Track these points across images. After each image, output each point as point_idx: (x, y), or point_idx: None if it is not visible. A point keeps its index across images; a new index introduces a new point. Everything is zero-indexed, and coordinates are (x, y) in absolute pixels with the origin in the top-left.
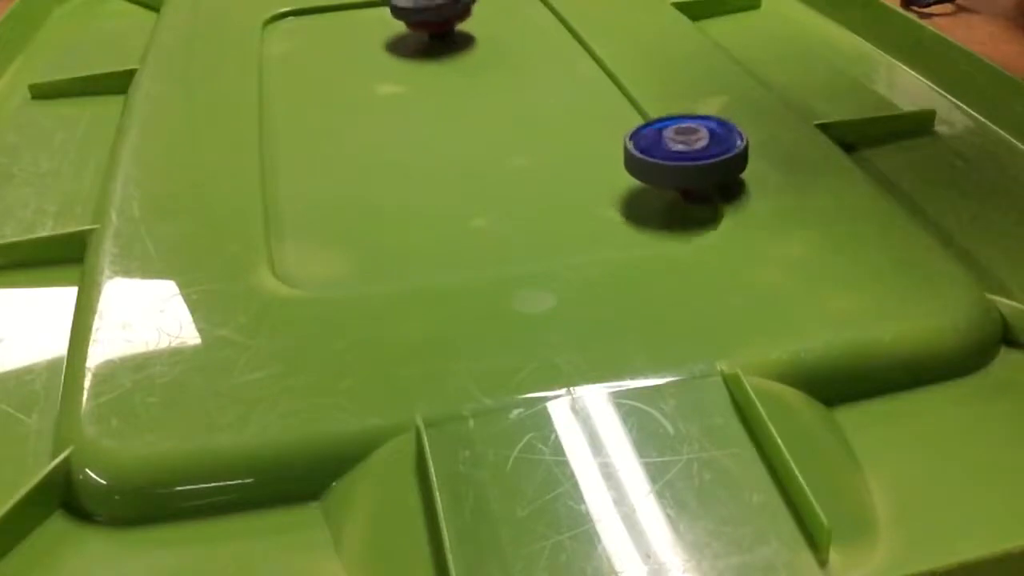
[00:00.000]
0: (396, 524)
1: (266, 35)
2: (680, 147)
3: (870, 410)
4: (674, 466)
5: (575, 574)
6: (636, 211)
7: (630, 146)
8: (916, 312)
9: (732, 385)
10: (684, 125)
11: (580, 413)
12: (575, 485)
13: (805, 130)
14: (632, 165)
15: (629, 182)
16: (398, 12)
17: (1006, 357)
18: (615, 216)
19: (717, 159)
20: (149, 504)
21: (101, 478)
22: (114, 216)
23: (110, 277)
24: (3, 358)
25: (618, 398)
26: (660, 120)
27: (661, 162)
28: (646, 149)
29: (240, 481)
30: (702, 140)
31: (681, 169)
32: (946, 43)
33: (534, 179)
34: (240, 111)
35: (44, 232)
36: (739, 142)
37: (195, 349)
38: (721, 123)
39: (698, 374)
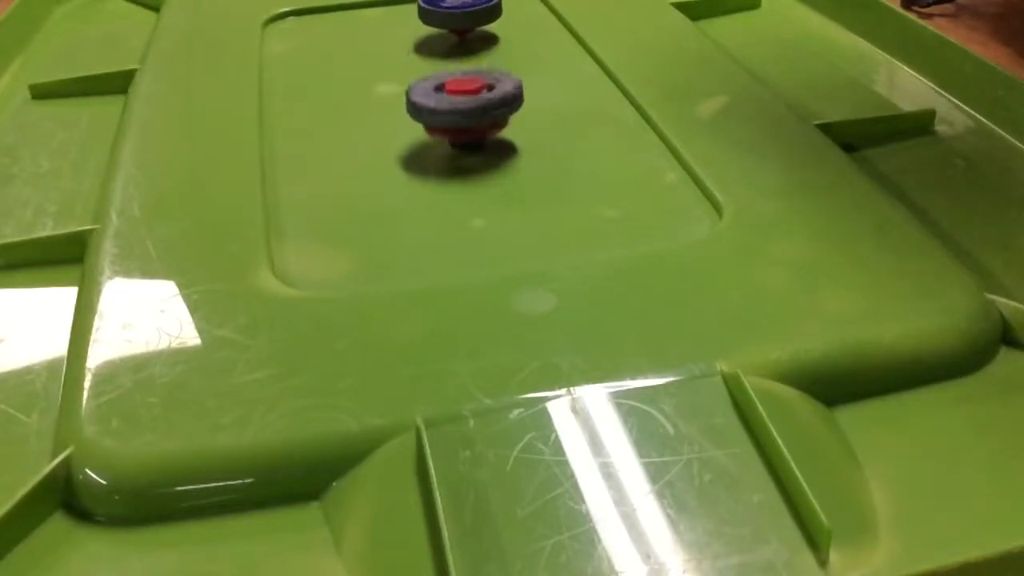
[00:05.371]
0: (396, 524)
1: (266, 35)
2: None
3: (870, 410)
4: (674, 466)
5: (575, 574)
6: (636, 210)
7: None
8: (916, 312)
9: (732, 385)
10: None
11: (580, 413)
12: (575, 485)
13: (805, 130)
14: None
15: (628, 181)
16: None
17: (1006, 357)
18: (615, 215)
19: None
20: (149, 504)
21: (101, 478)
22: (114, 216)
23: (110, 277)
24: (3, 358)
25: (618, 398)
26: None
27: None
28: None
29: (240, 481)
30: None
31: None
32: (946, 43)
33: (533, 178)
34: (240, 111)
35: (44, 232)
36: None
37: (195, 349)
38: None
39: (698, 374)
